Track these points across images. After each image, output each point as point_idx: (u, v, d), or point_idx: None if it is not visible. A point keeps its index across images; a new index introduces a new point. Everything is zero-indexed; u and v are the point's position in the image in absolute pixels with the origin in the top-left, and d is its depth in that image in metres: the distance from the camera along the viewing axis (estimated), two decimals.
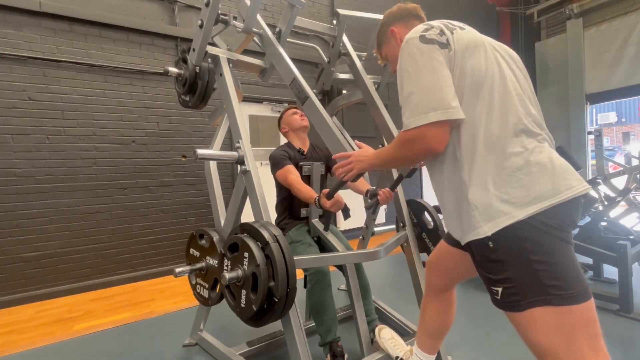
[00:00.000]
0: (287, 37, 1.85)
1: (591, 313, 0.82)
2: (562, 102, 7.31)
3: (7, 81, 2.95)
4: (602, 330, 0.83)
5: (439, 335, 1.39)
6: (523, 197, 0.82)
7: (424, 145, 0.88)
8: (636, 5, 6.26)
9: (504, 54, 0.98)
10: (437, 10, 6.62)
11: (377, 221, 2.30)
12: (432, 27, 0.93)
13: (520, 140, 0.86)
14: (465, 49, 0.91)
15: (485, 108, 0.88)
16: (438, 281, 1.32)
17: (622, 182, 3.67)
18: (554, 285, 0.79)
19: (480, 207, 0.86)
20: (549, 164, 0.85)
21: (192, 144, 3.82)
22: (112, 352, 2.07)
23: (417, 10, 1.22)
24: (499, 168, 0.85)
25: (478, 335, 2.07)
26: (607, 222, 3.04)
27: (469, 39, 0.92)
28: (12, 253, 2.96)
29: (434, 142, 0.87)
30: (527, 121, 0.89)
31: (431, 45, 0.89)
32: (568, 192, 0.82)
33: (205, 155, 1.42)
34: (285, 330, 1.42)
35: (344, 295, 2.80)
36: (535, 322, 0.82)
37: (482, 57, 0.91)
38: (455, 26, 0.97)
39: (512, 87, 0.91)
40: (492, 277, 0.87)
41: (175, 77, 1.74)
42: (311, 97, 1.56)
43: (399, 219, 1.97)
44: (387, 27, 1.22)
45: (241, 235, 1.34)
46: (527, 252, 0.81)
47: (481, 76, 0.89)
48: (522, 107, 0.90)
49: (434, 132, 0.86)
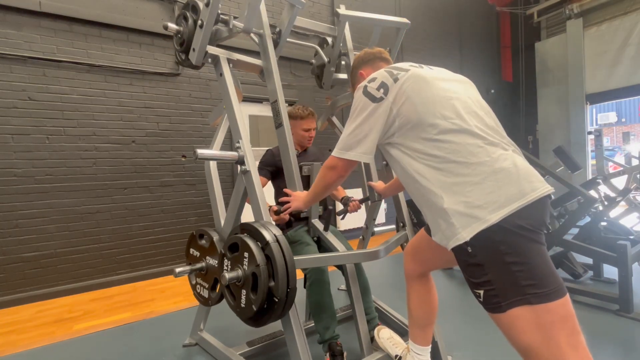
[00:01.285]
0: (287, 37, 1.85)
1: (567, 309, 0.87)
2: (562, 102, 7.31)
3: (7, 81, 2.95)
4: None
5: (426, 325, 1.43)
6: (493, 202, 0.89)
7: (337, 174, 1.17)
8: (636, 5, 6.26)
9: (452, 80, 1.12)
10: (437, 11, 6.62)
11: (377, 221, 2.31)
12: (375, 79, 1.09)
13: (484, 151, 0.95)
14: (409, 90, 1.04)
15: (447, 131, 0.99)
16: (414, 268, 1.41)
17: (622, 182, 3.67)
18: (530, 285, 0.85)
19: (456, 214, 0.93)
20: (514, 169, 0.93)
21: (192, 144, 3.82)
22: (112, 352, 2.07)
23: (381, 54, 1.39)
24: (469, 177, 0.93)
25: (478, 335, 2.07)
26: (607, 222, 3.04)
27: (414, 79, 1.06)
28: (12, 253, 2.96)
29: (342, 172, 1.16)
30: (486, 134, 0.99)
31: (367, 99, 1.08)
32: (533, 194, 0.89)
33: (205, 155, 1.42)
34: (285, 330, 1.42)
35: (344, 295, 2.80)
36: (516, 322, 0.87)
37: (427, 91, 1.04)
38: (402, 70, 1.09)
39: (462, 108, 1.02)
40: (474, 281, 0.93)
41: (175, 33, 1.71)
42: (285, 125, 1.72)
43: (399, 219, 1.97)
44: (357, 70, 1.41)
45: (241, 235, 1.34)
46: (503, 254, 0.87)
47: (430, 107, 1.02)
48: (478, 122, 1.01)
49: (345, 166, 1.15)
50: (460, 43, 7.11)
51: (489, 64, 7.82)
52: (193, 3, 1.61)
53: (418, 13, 6.26)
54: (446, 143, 0.97)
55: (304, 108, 2.13)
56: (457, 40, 7.04)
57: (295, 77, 4.71)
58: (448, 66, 4.41)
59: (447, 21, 6.83)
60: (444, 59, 6.71)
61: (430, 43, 6.48)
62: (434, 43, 6.55)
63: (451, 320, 2.27)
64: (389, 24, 2.06)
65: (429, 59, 6.40)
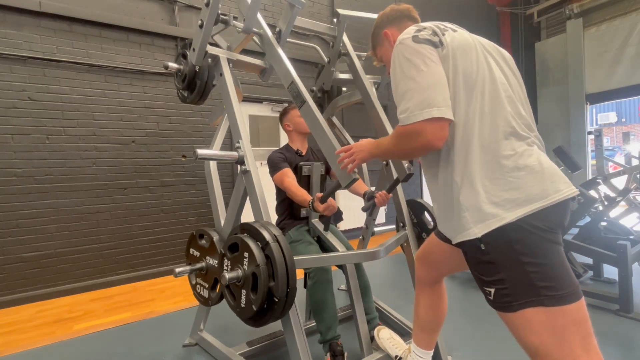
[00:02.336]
0: (287, 37, 1.85)
1: (582, 313, 0.83)
2: (562, 102, 7.31)
3: (7, 81, 2.95)
4: (602, 330, 0.84)
5: (433, 330, 1.40)
6: (513, 199, 0.84)
7: (423, 141, 0.87)
8: (636, 5, 6.26)
9: (495, 55, 0.99)
10: (437, 10, 6.62)
11: (377, 221, 2.31)
12: (425, 28, 0.94)
13: (510, 143, 0.88)
14: (456, 51, 0.92)
15: (478, 110, 0.89)
16: (427, 274, 1.35)
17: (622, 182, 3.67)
18: (545, 287, 0.81)
19: (470, 209, 0.87)
20: (538, 167, 0.86)
21: (192, 144, 3.82)
22: (112, 352, 2.07)
23: (410, 12, 1.22)
24: (490, 171, 0.87)
25: (478, 335, 2.07)
26: (607, 222, 3.04)
27: (460, 41, 0.94)
28: (12, 253, 2.96)
29: (432, 138, 0.87)
30: (516, 124, 0.90)
31: (425, 45, 0.90)
32: (556, 195, 0.84)
33: (205, 155, 1.42)
34: (285, 330, 1.42)
35: (344, 295, 2.80)
36: (528, 323, 0.83)
37: (473, 59, 0.92)
38: (447, 28, 0.98)
39: (502, 89, 0.92)
40: (484, 279, 0.89)
41: (175, 72, 1.74)
42: (308, 101, 1.54)
43: (399, 219, 1.97)
44: (381, 29, 1.23)
45: (241, 235, 1.34)
46: (518, 254, 0.82)
47: (472, 78, 0.91)
48: (512, 109, 0.91)
49: (432, 128, 0.86)
50: None
51: None
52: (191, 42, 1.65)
53: (418, 13, 6.25)
54: (474, 126, 0.88)
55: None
56: None
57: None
58: None
59: (447, 21, 6.82)
60: None
61: None
62: None
63: (451, 320, 2.27)
64: None
65: None
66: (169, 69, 1.69)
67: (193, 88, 1.71)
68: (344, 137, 2.40)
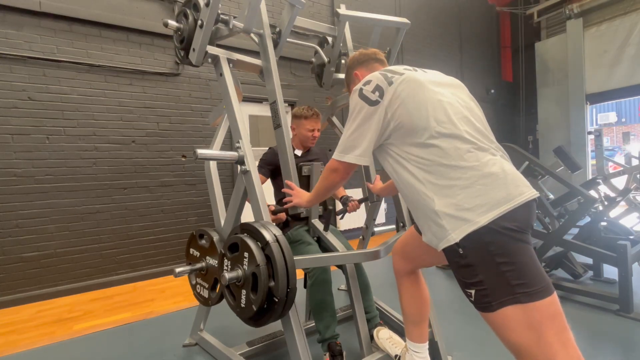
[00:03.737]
0: (287, 37, 1.85)
1: (556, 306, 0.90)
2: (562, 102, 7.31)
3: (7, 81, 2.95)
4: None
5: (420, 321, 1.44)
6: (483, 204, 0.92)
7: (339, 176, 1.19)
8: (636, 5, 6.26)
9: (445, 84, 1.14)
10: (438, 11, 6.62)
11: (377, 221, 2.32)
12: (370, 82, 1.11)
13: (474, 155, 0.99)
14: (401, 93, 1.06)
15: (438, 133, 1.01)
16: (403, 265, 1.42)
17: (622, 182, 3.67)
18: (519, 284, 0.88)
19: (446, 216, 0.96)
20: (502, 174, 0.96)
21: (192, 144, 3.82)
22: (112, 352, 2.07)
23: (376, 55, 1.40)
24: (459, 181, 0.97)
25: (478, 335, 2.07)
26: (607, 222, 3.04)
27: (408, 82, 1.08)
28: (12, 253, 2.96)
29: (343, 174, 1.18)
30: (475, 139, 1.02)
31: (363, 102, 1.10)
32: (520, 198, 0.93)
33: (205, 155, 1.42)
34: (285, 330, 1.42)
35: (344, 295, 2.79)
36: (507, 321, 0.90)
37: (421, 95, 1.06)
38: (396, 74, 1.11)
39: (453, 113, 1.05)
40: (465, 281, 0.96)
41: (174, 31, 1.70)
42: (283, 127, 1.71)
43: (399, 219, 1.97)
44: (352, 70, 1.41)
45: (241, 235, 1.34)
46: (493, 255, 0.90)
47: (423, 111, 1.04)
48: (469, 127, 1.04)
49: (346, 169, 1.17)
50: (460, 43, 7.11)
51: (489, 64, 7.82)
52: (194, 0, 1.61)
53: (418, 13, 6.26)
54: (437, 147, 1.00)
55: (308, 108, 2.13)
56: (457, 40, 7.04)
57: (295, 77, 4.71)
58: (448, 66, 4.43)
59: (447, 21, 6.83)
60: (443, 59, 6.71)
61: (430, 43, 6.48)
62: (434, 43, 6.55)
63: (451, 320, 2.27)
64: (389, 24, 2.06)
65: (429, 59, 6.40)
66: (169, 27, 1.64)
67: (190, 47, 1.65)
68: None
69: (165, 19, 1.63)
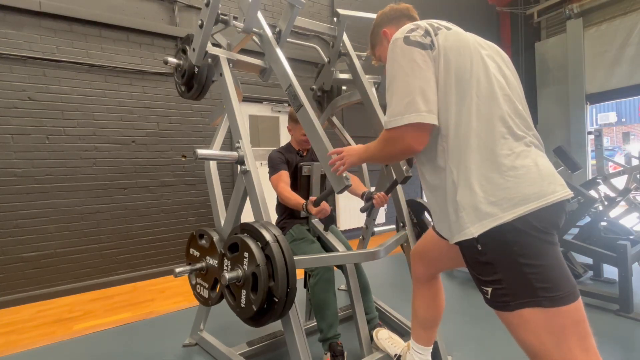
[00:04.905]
0: (287, 37, 1.85)
1: (580, 313, 0.83)
2: (562, 102, 7.30)
3: (7, 81, 2.95)
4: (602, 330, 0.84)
5: (431, 327, 1.41)
6: (509, 199, 0.83)
7: (404, 145, 0.92)
8: (636, 5, 6.26)
9: (492, 53, 0.98)
10: (437, 10, 6.62)
11: (377, 221, 2.31)
12: (417, 28, 0.94)
13: (507, 143, 0.87)
14: (449, 50, 0.92)
15: (474, 109, 0.89)
16: (423, 271, 1.35)
17: (622, 182, 3.67)
18: (543, 288, 0.81)
19: (467, 208, 0.87)
20: (535, 168, 0.86)
21: (192, 144, 3.82)
22: (112, 352, 2.07)
23: (409, 11, 1.23)
24: (487, 170, 0.86)
25: (478, 335, 2.07)
26: (607, 222, 3.04)
27: (455, 40, 0.94)
28: (12, 253, 2.96)
29: (412, 142, 0.91)
30: (514, 123, 0.90)
31: (413, 48, 0.91)
32: (552, 197, 0.84)
33: (205, 155, 1.42)
34: (285, 330, 1.42)
35: (344, 295, 2.79)
36: (526, 323, 0.83)
37: (467, 57, 0.92)
38: (442, 26, 0.98)
39: (499, 87, 0.91)
40: (482, 278, 0.89)
41: (175, 67, 1.73)
42: (305, 106, 1.55)
43: (399, 219, 1.97)
44: (380, 28, 1.24)
45: (241, 235, 1.34)
46: (516, 255, 0.82)
47: (466, 77, 0.90)
48: (509, 107, 0.91)
49: (412, 134, 0.90)
50: None
51: None
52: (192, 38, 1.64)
53: (417, 13, 6.25)
54: (471, 126, 0.88)
55: None
56: None
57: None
58: None
59: (447, 21, 6.82)
60: None
61: None
62: None
63: (451, 320, 2.27)
64: None
65: None
66: (169, 64, 1.69)
67: (192, 84, 1.71)
68: (344, 137, 2.40)
69: (165, 57, 1.67)
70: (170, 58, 1.68)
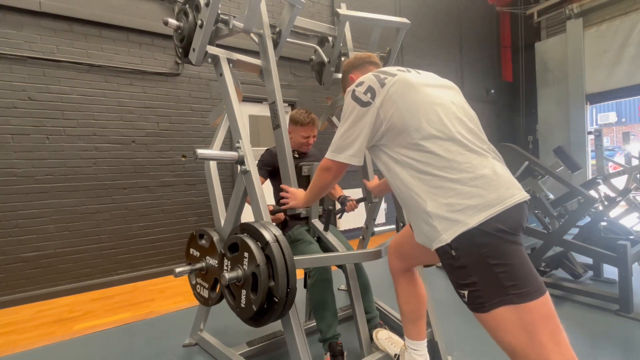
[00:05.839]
0: (287, 37, 1.85)
1: (548, 307, 0.91)
2: (562, 102, 7.31)
3: (7, 81, 2.95)
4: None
5: (417, 319, 1.45)
6: (473, 206, 0.93)
7: (331, 175, 1.20)
8: (636, 5, 6.26)
9: (436, 84, 1.15)
10: (437, 11, 6.62)
11: (377, 221, 2.32)
12: (362, 84, 1.12)
13: (465, 157, 0.99)
14: (393, 95, 1.07)
15: (430, 134, 1.02)
16: (399, 263, 1.43)
17: (622, 182, 3.67)
18: (512, 285, 0.89)
19: (439, 217, 0.97)
20: (493, 176, 0.97)
21: (192, 144, 3.82)
22: (112, 352, 2.07)
23: (370, 58, 1.43)
24: (450, 183, 0.97)
25: (478, 335, 2.07)
26: (607, 222, 3.04)
27: (401, 84, 1.08)
28: (12, 253, 2.96)
29: (336, 173, 1.20)
30: (467, 140, 1.02)
31: (355, 104, 1.11)
32: (511, 200, 0.94)
33: (205, 155, 1.42)
34: (285, 330, 1.42)
35: (344, 295, 2.79)
36: (501, 322, 0.91)
37: (415, 95, 1.07)
38: (388, 75, 1.11)
39: (446, 113, 1.05)
40: (459, 282, 0.97)
41: (174, 29, 1.69)
42: (282, 127, 1.72)
43: (399, 219, 1.98)
44: (347, 74, 1.44)
45: (241, 235, 1.34)
46: (486, 256, 0.91)
47: (416, 111, 1.04)
48: (461, 127, 1.04)
49: (337, 168, 1.18)
50: (461, 43, 7.11)
51: (489, 64, 7.82)
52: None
53: (418, 13, 6.25)
54: (429, 148, 1.00)
55: (306, 114, 2.08)
56: (457, 40, 7.04)
57: (295, 77, 4.71)
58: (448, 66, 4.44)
59: (447, 21, 6.83)
60: (443, 59, 6.70)
61: (430, 43, 6.48)
62: (434, 43, 6.55)
63: (451, 320, 2.27)
64: (389, 24, 2.06)
65: (428, 59, 6.39)
66: (169, 25, 1.62)
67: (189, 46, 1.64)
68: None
69: (165, 18, 1.62)
70: (170, 19, 1.62)
